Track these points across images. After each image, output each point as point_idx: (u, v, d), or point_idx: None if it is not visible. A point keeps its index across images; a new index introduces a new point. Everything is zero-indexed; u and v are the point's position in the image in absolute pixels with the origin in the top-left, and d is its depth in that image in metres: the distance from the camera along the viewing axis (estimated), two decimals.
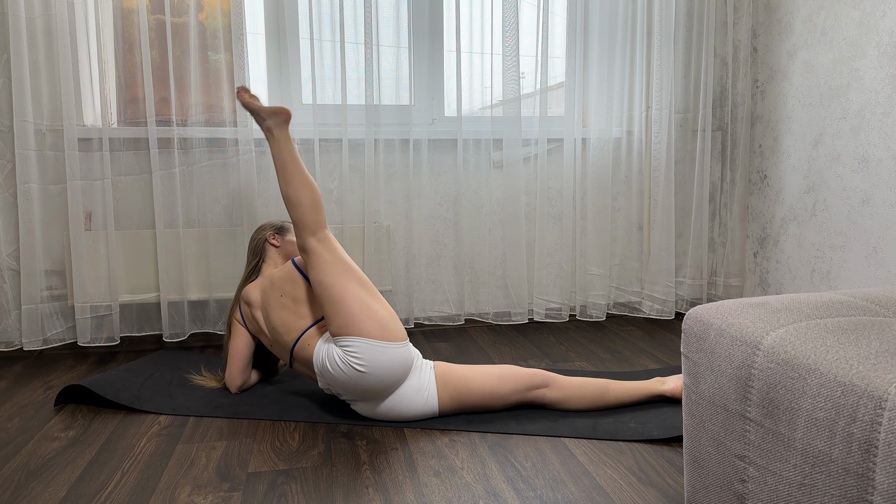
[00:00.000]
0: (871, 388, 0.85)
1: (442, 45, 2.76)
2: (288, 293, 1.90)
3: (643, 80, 2.83)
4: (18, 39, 2.32)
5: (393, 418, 1.82)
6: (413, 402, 1.80)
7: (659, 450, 1.67)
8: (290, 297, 1.89)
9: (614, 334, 2.73)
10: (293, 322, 1.88)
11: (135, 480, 1.53)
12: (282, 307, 1.90)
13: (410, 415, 1.82)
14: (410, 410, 1.81)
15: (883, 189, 2.30)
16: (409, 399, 1.80)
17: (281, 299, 1.91)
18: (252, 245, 2.14)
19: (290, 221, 2.15)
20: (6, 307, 2.47)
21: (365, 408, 1.83)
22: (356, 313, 1.74)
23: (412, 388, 1.80)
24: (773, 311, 1.10)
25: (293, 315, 1.88)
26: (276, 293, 1.92)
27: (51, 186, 2.46)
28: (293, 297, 1.89)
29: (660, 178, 2.85)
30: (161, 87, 2.52)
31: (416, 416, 1.82)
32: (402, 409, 1.81)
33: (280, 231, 2.16)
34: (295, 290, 1.90)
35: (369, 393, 1.77)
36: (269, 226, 2.17)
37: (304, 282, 1.90)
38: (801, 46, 2.64)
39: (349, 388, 1.76)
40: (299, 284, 1.90)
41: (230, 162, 2.58)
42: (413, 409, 1.81)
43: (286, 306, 1.89)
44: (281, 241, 2.13)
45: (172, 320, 2.57)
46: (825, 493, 0.89)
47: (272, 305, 1.92)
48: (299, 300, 1.89)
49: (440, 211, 2.81)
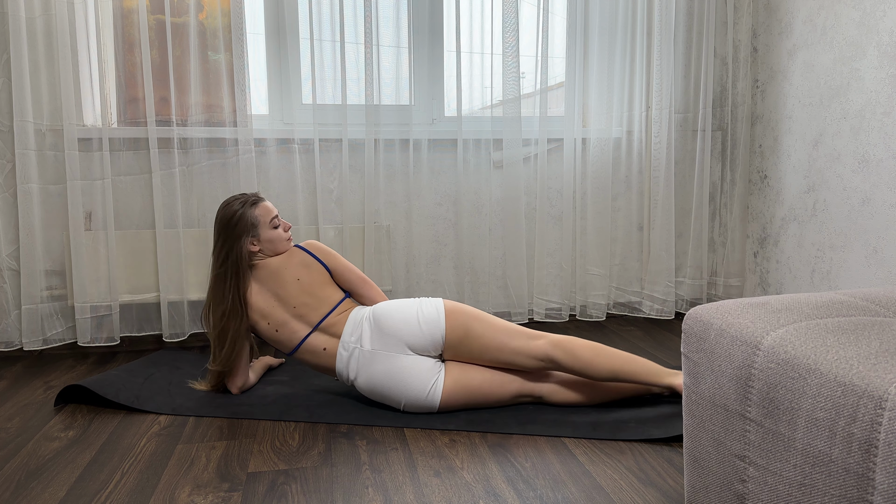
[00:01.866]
0: (871, 388, 0.85)
1: (442, 44, 2.76)
2: (304, 278, 1.97)
3: (643, 80, 2.83)
4: (18, 39, 2.32)
5: (394, 392, 1.84)
6: (420, 369, 1.84)
7: (659, 450, 1.67)
8: (309, 281, 1.97)
9: (614, 334, 2.73)
10: (318, 301, 1.96)
11: (135, 480, 1.53)
12: (301, 291, 1.96)
13: (415, 387, 1.84)
14: (416, 380, 1.84)
15: (883, 189, 2.29)
16: (416, 366, 1.84)
17: (298, 283, 1.97)
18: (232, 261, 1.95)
19: (254, 203, 2.00)
20: (6, 307, 2.47)
21: (368, 376, 1.86)
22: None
23: (423, 365, 1.85)
24: (773, 311, 1.10)
25: (316, 298, 1.96)
26: (292, 277, 1.97)
27: (51, 186, 2.46)
28: (312, 281, 1.97)
29: (660, 178, 2.85)
30: (161, 87, 2.52)
31: (421, 387, 1.84)
32: (405, 379, 1.84)
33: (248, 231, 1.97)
34: (311, 274, 1.98)
35: (390, 339, 1.85)
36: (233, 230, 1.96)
37: (318, 265, 2.00)
38: (801, 46, 2.64)
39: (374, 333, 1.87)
40: (315, 267, 1.99)
41: (230, 162, 2.58)
42: (418, 378, 1.84)
43: (305, 290, 1.96)
44: (258, 243, 1.99)
45: (172, 320, 2.57)
46: (825, 493, 0.89)
47: (290, 292, 1.96)
48: (319, 283, 1.98)
49: (440, 211, 2.81)
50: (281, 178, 2.63)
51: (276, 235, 2.01)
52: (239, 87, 2.51)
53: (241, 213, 1.98)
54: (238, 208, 1.98)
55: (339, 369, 1.92)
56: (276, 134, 2.60)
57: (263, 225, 2.00)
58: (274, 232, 2.01)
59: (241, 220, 1.97)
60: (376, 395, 1.89)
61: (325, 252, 2.03)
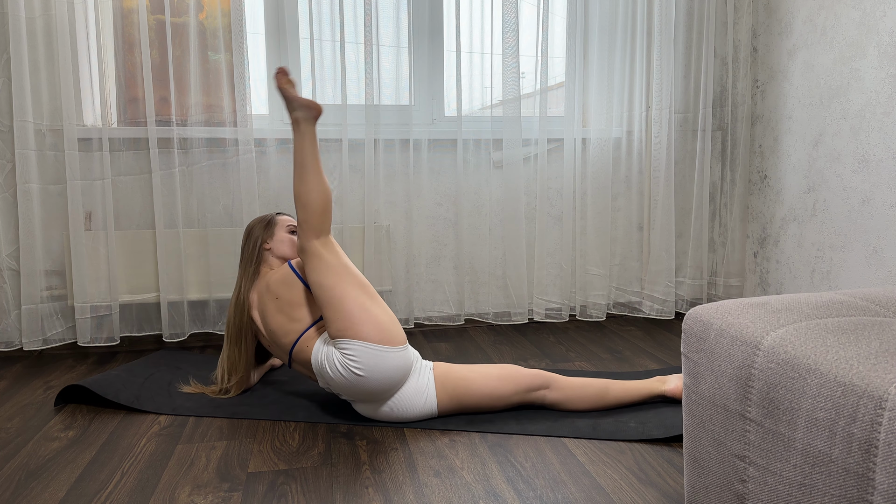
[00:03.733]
0: (871, 388, 0.85)
1: (442, 44, 2.76)
2: (283, 297, 1.88)
3: (643, 80, 2.83)
4: (18, 39, 2.32)
5: (393, 419, 1.83)
6: (412, 404, 1.81)
7: (659, 450, 1.67)
8: (286, 300, 1.88)
9: (614, 334, 2.73)
10: (289, 325, 1.86)
11: (135, 480, 1.53)
12: (278, 311, 1.88)
13: (410, 416, 1.82)
14: (410, 412, 1.81)
15: (883, 189, 2.29)
16: (407, 401, 1.80)
17: (276, 302, 1.89)
18: (249, 250, 2.05)
19: (279, 214, 2.13)
20: (6, 307, 2.47)
21: (365, 409, 1.84)
22: (355, 316, 1.73)
23: (411, 390, 1.80)
24: (773, 311, 1.10)
25: (288, 318, 1.87)
26: (272, 296, 1.91)
27: (51, 186, 2.46)
28: (289, 300, 1.87)
29: (660, 178, 2.85)
30: (161, 87, 2.52)
31: (416, 417, 1.82)
32: (402, 411, 1.81)
33: (268, 226, 2.07)
34: (291, 293, 1.88)
35: (368, 395, 1.77)
36: (258, 225, 2.08)
37: (300, 285, 1.88)
38: (801, 46, 2.64)
39: (348, 390, 1.76)
40: (295, 288, 1.88)
41: (230, 162, 2.58)
42: (412, 410, 1.81)
43: (282, 310, 1.88)
44: (271, 243, 2.05)
45: (172, 320, 2.57)
46: (825, 493, 0.89)
47: (268, 309, 1.91)
48: (295, 303, 1.87)
49: (440, 211, 2.81)
50: (281, 178, 2.63)
51: (287, 238, 2.06)
52: (239, 87, 2.51)
53: (265, 217, 2.11)
54: (264, 216, 2.13)
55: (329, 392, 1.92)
56: (276, 134, 2.60)
57: (280, 226, 2.07)
58: (286, 235, 2.06)
59: (263, 221, 2.09)
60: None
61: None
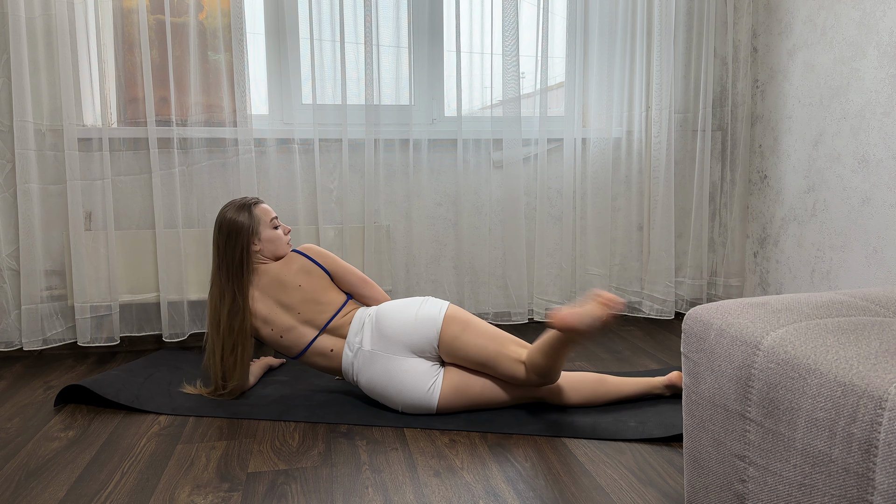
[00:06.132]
0: (871, 388, 0.85)
1: (442, 45, 2.76)
2: (306, 285, 1.97)
3: (643, 80, 2.83)
4: (18, 39, 2.32)
5: (392, 393, 1.85)
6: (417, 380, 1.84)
7: (659, 450, 1.67)
8: (311, 287, 1.97)
9: (614, 334, 2.73)
10: (326, 304, 1.96)
11: (135, 480, 1.53)
12: (304, 300, 1.96)
13: (410, 389, 1.84)
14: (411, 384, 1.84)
15: (883, 189, 2.29)
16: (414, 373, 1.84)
17: (301, 290, 1.96)
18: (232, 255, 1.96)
19: (255, 204, 2.03)
20: (6, 307, 2.47)
21: (368, 377, 1.87)
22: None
23: (421, 367, 1.85)
24: (773, 311, 1.10)
25: (323, 298, 1.97)
26: (293, 286, 1.96)
27: (51, 186, 2.46)
28: (314, 286, 1.97)
29: (660, 178, 2.85)
30: (161, 87, 2.52)
31: (415, 392, 1.84)
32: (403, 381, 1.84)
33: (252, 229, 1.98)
34: (312, 280, 1.98)
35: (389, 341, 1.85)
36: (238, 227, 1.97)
37: (319, 270, 1.99)
38: (801, 46, 2.64)
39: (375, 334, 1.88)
40: (315, 272, 1.99)
41: (230, 162, 2.58)
42: (415, 382, 1.84)
43: (310, 295, 1.96)
44: (259, 244, 2.00)
45: (172, 320, 2.57)
46: (825, 493, 0.89)
47: (293, 300, 1.96)
48: (323, 287, 1.98)
49: (440, 211, 2.81)
50: (281, 178, 2.63)
51: (276, 235, 2.02)
52: (239, 87, 2.51)
53: (242, 214, 1.99)
54: (238, 209, 1.99)
55: (345, 369, 1.93)
56: (276, 134, 2.60)
57: (264, 224, 2.01)
58: (274, 232, 2.02)
59: (243, 220, 1.98)
60: (376, 396, 1.90)
61: (323, 255, 2.02)
